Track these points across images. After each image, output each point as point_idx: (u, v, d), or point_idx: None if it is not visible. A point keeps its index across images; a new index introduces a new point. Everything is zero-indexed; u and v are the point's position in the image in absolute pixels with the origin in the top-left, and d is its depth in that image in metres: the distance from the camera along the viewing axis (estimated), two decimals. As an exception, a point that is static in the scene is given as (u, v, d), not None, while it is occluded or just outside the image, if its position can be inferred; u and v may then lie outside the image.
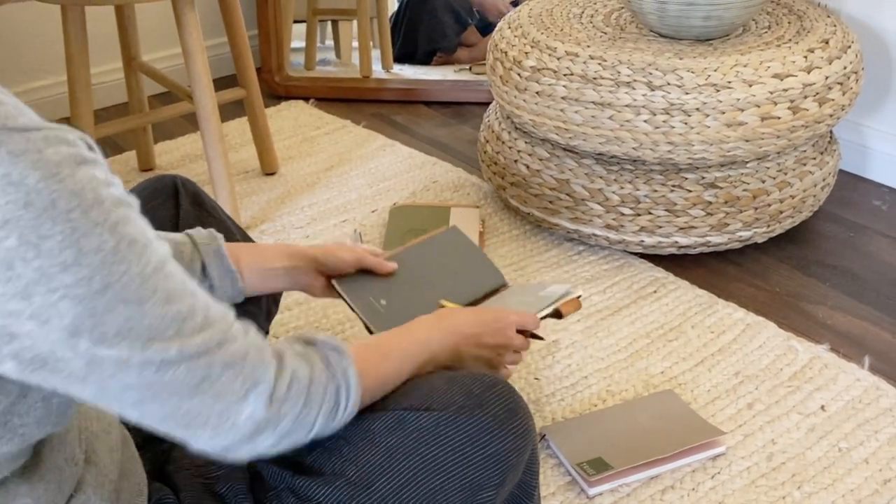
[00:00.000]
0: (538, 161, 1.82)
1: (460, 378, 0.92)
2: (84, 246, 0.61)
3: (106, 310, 0.63)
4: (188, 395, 0.69)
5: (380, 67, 2.86)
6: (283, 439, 0.77)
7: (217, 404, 0.71)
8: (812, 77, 1.66)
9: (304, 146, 2.31)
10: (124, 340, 0.64)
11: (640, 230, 1.74)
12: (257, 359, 0.73)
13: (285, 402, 0.75)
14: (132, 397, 0.67)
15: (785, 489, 1.24)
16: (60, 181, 0.60)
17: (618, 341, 1.56)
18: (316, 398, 0.78)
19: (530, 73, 1.74)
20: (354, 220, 1.96)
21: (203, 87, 1.76)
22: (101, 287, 0.62)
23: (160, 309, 0.66)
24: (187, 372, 0.68)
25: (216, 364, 0.70)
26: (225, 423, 0.72)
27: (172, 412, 0.69)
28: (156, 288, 0.66)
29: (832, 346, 1.54)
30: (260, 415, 0.73)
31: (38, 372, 0.63)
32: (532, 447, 0.94)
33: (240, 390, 0.72)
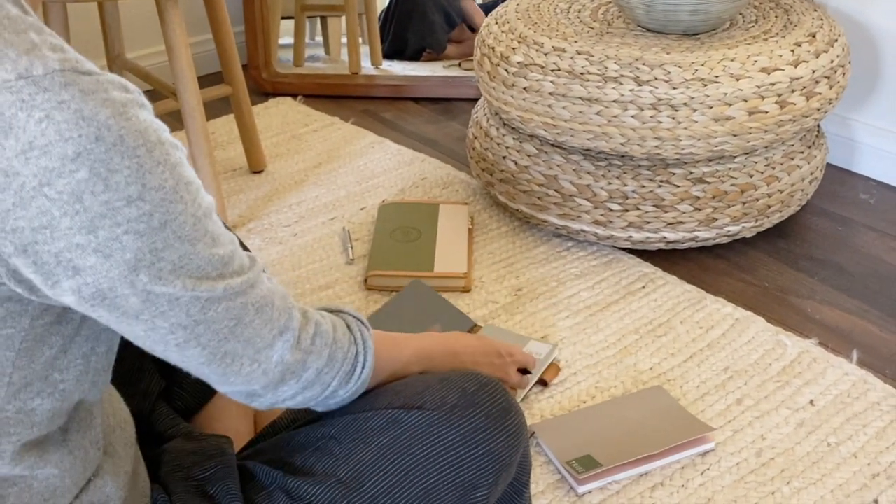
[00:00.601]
0: (526, 157, 1.82)
1: (453, 377, 0.92)
2: (148, 182, 0.65)
3: (164, 246, 0.67)
4: (225, 337, 0.74)
5: (369, 64, 2.85)
6: (304, 391, 0.82)
7: (249, 349, 0.76)
8: (799, 71, 1.66)
9: (291, 143, 2.30)
10: (178, 278, 0.68)
11: (629, 226, 1.74)
12: (283, 307, 0.78)
13: (310, 354, 0.80)
14: (177, 338, 0.72)
15: (774, 485, 1.24)
16: (128, 119, 0.64)
17: (606, 337, 1.55)
18: (338, 356, 0.83)
19: (518, 68, 1.73)
20: (343, 218, 1.95)
21: (187, 84, 1.74)
22: (160, 224, 0.66)
23: (209, 250, 0.70)
24: (226, 311, 0.73)
25: (250, 307, 0.75)
26: (256, 368, 0.77)
27: (211, 355, 0.74)
28: (206, 230, 0.70)
29: (821, 341, 1.54)
30: (287, 359, 0.78)
31: (97, 308, 0.67)
32: (525, 446, 0.94)
33: (268, 336, 0.77)
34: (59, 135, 0.62)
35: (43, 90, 0.62)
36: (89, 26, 2.42)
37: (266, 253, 1.83)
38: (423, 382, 0.92)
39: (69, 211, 0.63)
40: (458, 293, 1.68)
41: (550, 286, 1.70)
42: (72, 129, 0.62)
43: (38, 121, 0.61)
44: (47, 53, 0.63)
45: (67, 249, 0.64)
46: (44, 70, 0.62)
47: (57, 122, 0.62)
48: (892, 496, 1.22)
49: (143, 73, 1.96)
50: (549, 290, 1.68)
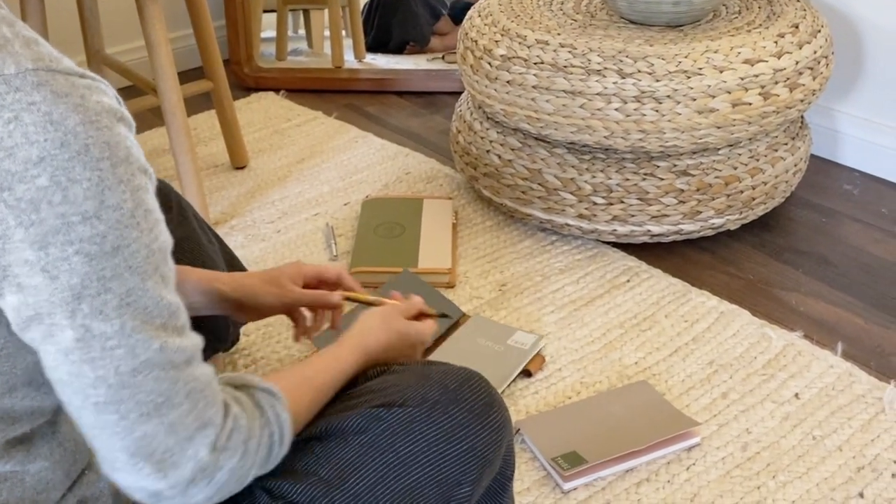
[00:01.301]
0: (510, 151, 1.81)
1: (434, 373, 0.91)
2: (106, 199, 0.62)
3: (113, 275, 0.63)
4: (147, 414, 0.67)
5: (352, 57, 2.83)
6: (219, 492, 0.73)
7: (169, 437, 0.69)
8: (783, 62, 1.66)
9: (274, 139, 2.29)
10: (121, 317, 0.64)
11: (613, 219, 1.73)
12: (211, 398, 0.71)
13: (224, 452, 0.72)
14: (98, 395, 0.66)
15: (760, 479, 1.24)
16: (98, 129, 0.62)
17: (591, 332, 1.55)
18: (252, 448, 0.75)
19: (501, 61, 1.72)
20: (326, 214, 1.93)
21: (167, 80, 1.72)
22: (112, 248, 0.63)
23: (158, 291, 0.67)
24: (156, 381, 0.67)
25: (181, 385, 0.69)
26: (169, 460, 0.69)
27: (127, 429, 0.67)
28: (157, 267, 0.67)
29: (805, 333, 1.54)
30: (203, 459, 0.71)
31: (31, 331, 0.64)
32: (508, 441, 0.94)
33: (191, 427, 0.70)
34: (25, 137, 0.60)
35: (14, 90, 0.60)
36: (68, 21, 2.39)
37: (249, 251, 1.81)
38: (403, 380, 0.91)
39: (24, 221, 0.61)
40: (442, 288, 1.67)
41: (535, 281, 1.69)
42: (38, 133, 0.60)
43: (6, 122, 0.60)
44: (19, 50, 0.61)
45: (16, 264, 0.61)
46: (16, 69, 0.61)
47: (25, 125, 0.60)
48: (877, 489, 1.22)
49: (123, 69, 1.94)
50: (534, 285, 1.68)
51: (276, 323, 1.57)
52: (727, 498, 1.21)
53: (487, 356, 1.45)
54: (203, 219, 1.30)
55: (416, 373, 0.92)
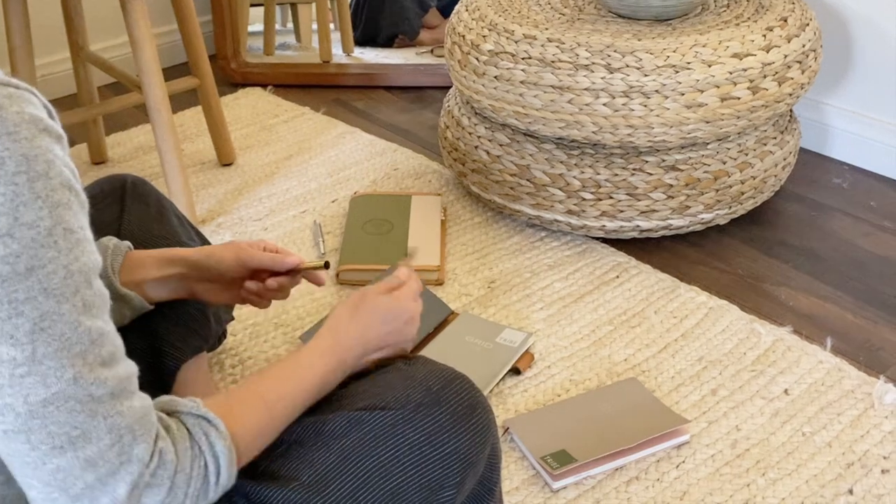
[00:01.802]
0: (498, 147, 1.80)
1: (418, 375, 0.91)
2: (21, 216, 0.58)
3: (25, 298, 0.60)
4: (61, 447, 0.63)
5: (340, 51, 2.82)
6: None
7: (85, 473, 0.64)
8: (771, 56, 1.65)
9: (261, 135, 2.27)
10: (32, 343, 0.60)
11: (602, 215, 1.72)
12: (140, 433, 0.67)
13: (148, 489, 0.68)
14: (8, 423, 0.62)
15: (749, 476, 1.24)
16: (15, 141, 0.58)
17: (580, 329, 1.54)
18: (180, 483, 0.71)
19: (488, 56, 1.71)
20: (314, 211, 1.92)
21: (152, 77, 1.71)
22: (25, 269, 0.59)
23: (76, 316, 0.62)
24: (70, 414, 0.63)
25: (100, 419, 0.64)
26: (87, 495, 0.65)
27: (39, 461, 0.63)
28: (77, 290, 0.62)
29: (795, 328, 1.54)
30: (120, 497, 0.66)
31: None
32: (493, 443, 0.93)
33: (113, 462, 0.65)
34: None
35: None
36: (51, 17, 2.36)
37: (236, 248, 1.80)
38: (386, 382, 0.90)
39: None
40: (431, 286, 1.66)
41: (524, 277, 1.68)
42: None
43: None
44: None
45: None
46: None
47: None
48: (866, 485, 1.22)
49: (107, 66, 1.92)
50: (523, 282, 1.67)
51: (264, 322, 1.56)
52: (717, 496, 1.21)
53: (476, 354, 1.44)
54: (185, 217, 1.28)
55: (401, 373, 0.91)
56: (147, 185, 1.25)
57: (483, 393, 0.92)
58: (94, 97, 2.01)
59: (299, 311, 1.59)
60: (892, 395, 1.36)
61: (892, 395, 1.35)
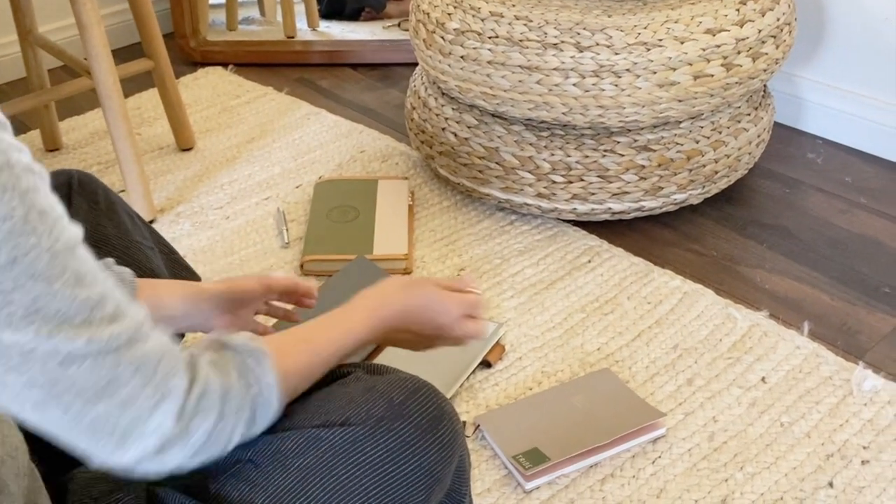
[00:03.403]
0: (466, 129, 1.74)
1: (380, 385, 0.86)
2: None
3: (14, 287, 0.59)
4: (93, 399, 0.64)
5: (306, 26, 2.73)
6: (197, 455, 0.71)
7: (124, 414, 0.65)
8: (745, 31, 1.60)
9: (222, 117, 2.19)
10: (31, 324, 0.60)
11: (573, 198, 1.68)
12: (169, 367, 0.68)
13: (195, 417, 0.69)
14: (34, 397, 0.62)
15: (727, 471, 1.21)
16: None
17: (552, 317, 1.50)
18: (230, 411, 0.72)
19: (454, 35, 1.65)
20: (277, 198, 1.86)
21: (101, 62, 1.63)
22: (8, 260, 0.58)
23: (70, 290, 0.62)
24: (92, 369, 0.63)
25: (125, 365, 0.65)
26: (130, 435, 0.66)
27: (75, 419, 0.64)
28: (66, 266, 0.62)
29: (771, 313, 1.51)
30: (167, 430, 0.68)
31: None
32: (460, 454, 0.88)
33: (149, 400, 0.66)
34: None
35: None
36: (-1, -3, 2.26)
37: (196, 239, 1.73)
38: (346, 395, 0.85)
39: None
40: (399, 275, 1.61)
41: (494, 264, 1.63)
42: None
43: None
44: None
45: None
46: None
47: None
48: (846, 477, 1.19)
49: (57, 50, 1.83)
50: (493, 268, 1.62)
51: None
52: (694, 492, 1.18)
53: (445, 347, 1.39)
54: (136, 213, 1.22)
55: (362, 384, 0.86)
56: (94, 181, 1.18)
57: (449, 401, 0.88)
58: (45, 81, 1.93)
59: (262, 305, 1.54)
60: (870, 381, 1.33)
61: (870, 382, 1.33)
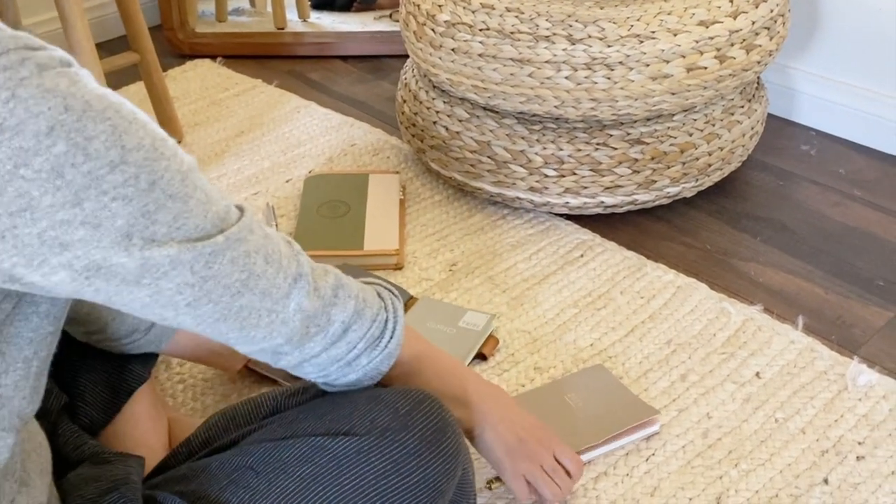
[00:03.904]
0: (458, 122, 1.72)
1: (386, 395, 0.84)
2: (126, 143, 0.63)
3: (157, 208, 0.64)
4: (238, 291, 0.71)
5: (296, 17, 2.71)
6: (330, 347, 0.79)
7: (266, 300, 0.73)
8: (738, 23, 1.58)
9: (211, 110, 2.17)
10: (173, 241, 0.66)
11: (565, 192, 1.66)
12: (290, 254, 0.77)
13: (334, 306, 0.79)
14: (186, 297, 0.69)
15: (722, 468, 1.20)
16: (85, 86, 0.62)
17: (545, 312, 1.48)
18: (366, 314, 0.81)
19: (445, 28, 1.63)
20: (267, 192, 1.84)
21: (85, 55, 1.60)
22: (147, 185, 0.64)
23: (203, 207, 0.68)
24: (232, 263, 0.70)
25: (256, 255, 0.72)
26: (275, 318, 0.75)
27: (225, 311, 0.71)
28: (196, 185, 0.68)
29: (765, 307, 1.50)
30: (306, 307, 0.76)
31: (93, 279, 0.64)
32: (465, 467, 0.87)
33: (283, 285, 0.74)
34: (27, 112, 0.59)
35: (2, 69, 0.59)
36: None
37: (184, 234, 1.71)
38: (350, 403, 0.84)
39: (49, 188, 0.60)
40: (390, 271, 1.59)
41: (486, 259, 1.62)
42: (40, 104, 0.59)
43: (3, 101, 0.58)
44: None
45: (51, 227, 0.61)
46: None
47: (24, 100, 0.59)
48: (841, 473, 1.18)
49: (40, 43, 1.80)
50: (485, 263, 1.61)
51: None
52: (688, 490, 1.17)
53: (439, 342, 1.38)
54: None
55: (366, 393, 0.85)
56: None
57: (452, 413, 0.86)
58: (30, 75, 1.90)
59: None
60: (865, 376, 1.32)
61: (865, 377, 1.32)
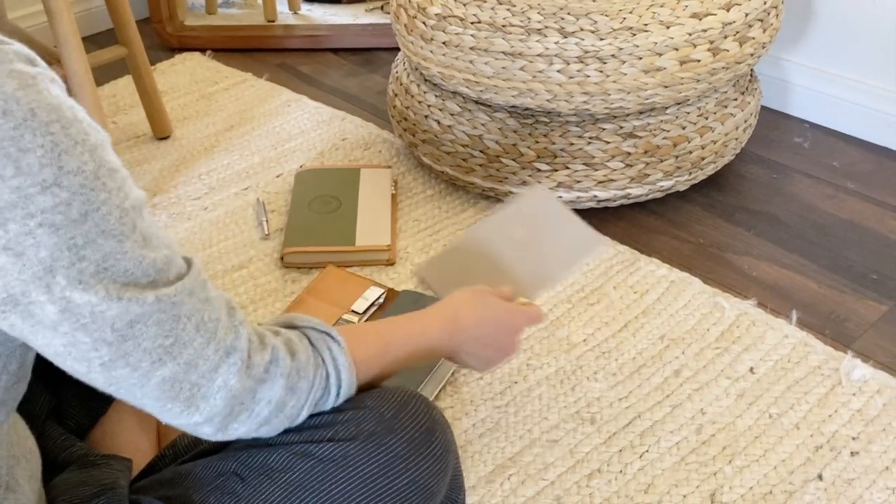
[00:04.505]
0: (450, 116, 1.71)
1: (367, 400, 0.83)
2: (65, 164, 0.57)
3: (85, 242, 0.59)
4: (159, 358, 0.65)
5: (287, 9, 2.68)
6: (262, 426, 0.73)
7: (190, 373, 0.67)
8: (732, 15, 1.57)
9: (200, 104, 2.15)
10: (100, 283, 0.61)
11: (558, 186, 1.65)
12: (229, 324, 0.70)
13: (263, 383, 0.71)
14: (102, 356, 0.63)
15: (716, 465, 1.19)
16: (38, 92, 0.57)
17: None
18: (302, 389, 0.74)
19: (436, 21, 1.61)
20: (257, 188, 1.82)
21: (72, 51, 1.58)
22: (80, 215, 0.58)
23: (139, 251, 0.63)
24: (158, 327, 0.64)
25: (187, 321, 0.66)
26: (197, 395, 0.68)
27: (143, 378, 0.65)
28: (135, 226, 0.62)
29: (759, 301, 1.49)
30: (233, 385, 0.69)
31: (8, 315, 0.60)
32: (454, 466, 0.86)
33: (213, 357, 0.68)
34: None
35: None
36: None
37: (173, 231, 1.70)
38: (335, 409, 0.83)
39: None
40: (382, 266, 1.58)
41: (479, 254, 1.61)
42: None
43: None
44: None
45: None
46: None
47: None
48: (835, 469, 1.18)
49: (26, 38, 1.78)
50: (478, 259, 1.59)
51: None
52: (682, 487, 1.16)
53: None
54: None
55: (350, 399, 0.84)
56: None
57: (440, 411, 0.85)
58: (17, 70, 1.88)
59: (242, 299, 1.51)
60: (859, 370, 1.31)
61: (859, 371, 1.31)
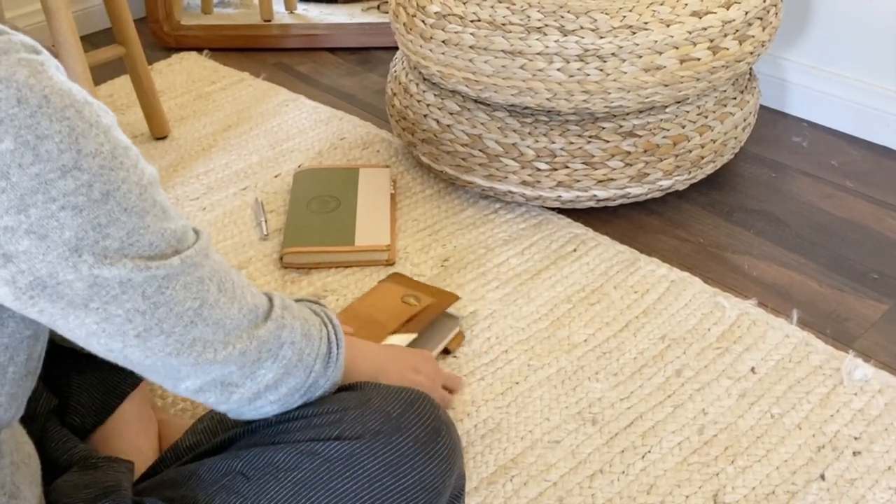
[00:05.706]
0: (449, 115, 1.70)
1: (376, 398, 0.82)
2: (83, 147, 0.58)
3: (109, 221, 0.60)
4: (191, 321, 0.67)
5: (283, 8, 2.68)
6: (285, 376, 0.75)
7: (219, 331, 0.69)
8: (732, 13, 1.57)
9: (198, 104, 2.14)
10: (127, 258, 0.62)
11: (558, 185, 1.65)
12: (242, 283, 0.73)
13: (283, 328, 0.75)
14: (136, 327, 0.64)
15: (718, 465, 1.19)
16: (50, 78, 0.58)
17: (538, 308, 1.47)
18: (314, 333, 0.78)
19: (435, 19, 1.61)
20: (256, 188, 1.81)
21: (70, 48, 1.57)
22: (101, 195, 0.60)
23: (159, 224, 0.64)
24: (186, 289, 0.66)
25: (210, 283, 0.68)
26: (232, 350, 0.70)
27: (178, 344, 0.67)
28: (154, 201, 0.64)
29: (760, 300, 1.49)
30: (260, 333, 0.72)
31: (37, 299, 0.60)
32: (459, 466, 0.86)
33: (237, 314, 0.71)
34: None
35: None
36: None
37: (172, 230, 1.69)
38: (340, 406, 0.82)
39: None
40: (381, 267, 1.57)
41: (478, 254, 1.60)
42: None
43: None
44: None
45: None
46: None
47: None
48: (838, 469, 1.18)
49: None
50: (477, 259, 1.59)
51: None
52: (685, 487, 1.16)
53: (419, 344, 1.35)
54: None
55: (355, 397, 0.83)
56: None
57: (445, 411, 0.85)
58: (13, 69, 1.87)
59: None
60: (860, 370, 1.31)
61: (860, 371, 1.31)
